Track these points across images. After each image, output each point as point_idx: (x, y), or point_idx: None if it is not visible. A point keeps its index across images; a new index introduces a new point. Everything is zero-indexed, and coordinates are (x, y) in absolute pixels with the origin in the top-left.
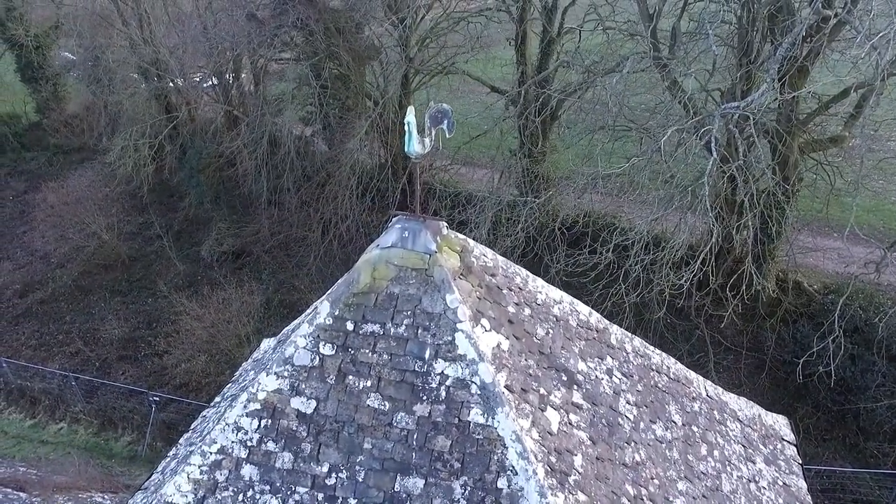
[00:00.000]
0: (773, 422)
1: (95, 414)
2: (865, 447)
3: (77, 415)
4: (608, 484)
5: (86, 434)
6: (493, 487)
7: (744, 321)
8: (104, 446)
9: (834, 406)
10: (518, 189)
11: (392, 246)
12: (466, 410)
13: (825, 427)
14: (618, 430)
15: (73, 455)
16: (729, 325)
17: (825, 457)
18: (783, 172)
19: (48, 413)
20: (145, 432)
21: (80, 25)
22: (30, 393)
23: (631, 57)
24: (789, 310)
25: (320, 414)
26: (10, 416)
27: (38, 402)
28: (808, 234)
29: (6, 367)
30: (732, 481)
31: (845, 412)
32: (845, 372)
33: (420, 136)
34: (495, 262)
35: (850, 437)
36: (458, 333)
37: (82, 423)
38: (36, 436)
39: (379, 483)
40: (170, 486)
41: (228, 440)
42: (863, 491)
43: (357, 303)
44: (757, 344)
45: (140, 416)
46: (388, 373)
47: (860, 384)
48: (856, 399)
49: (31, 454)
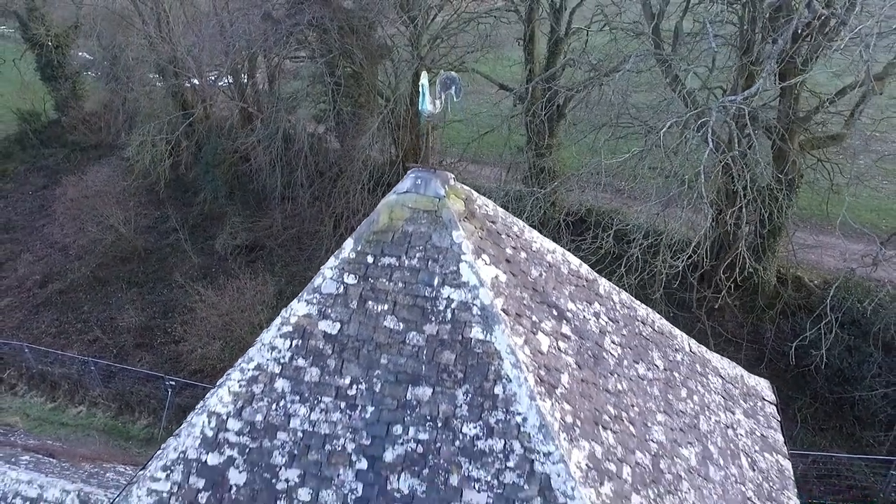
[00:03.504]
0: (756, 383)
1: (113, 398)
2: (861, 436)
3: (96, 399)
4: (591, 402)
5: (104, 417)
6: (490, 393)
7: (744, 313)
8: (122, 429)
9: (831, 396)
10: (525, 183)
11: (407, 192)
12: (468, 329)
13: (823, 417)
14: (602, 363)
15: (94, 436)
16: (730, 317)
17: (822, 445)
18: (783, 168)
19: (68, 397)
20: (161, 416)
21: (100, 25)
22: (50, 378)
23: (634, 54)
24: (789, 303)
25: (344, 334)
26: (31, 399)
27: (58, 386)
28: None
29: (28, 352)
30: (710, 424)
31: (842, 402)
32: (842, 363)
33: (432, 98)
34: (496, 212)
35: (846, 426)
36: (461, 264)
37: (100, 406)
38: (56, 418)
39: (393, 392)
40: (213, 398)
41: (264, 358)
42: (857, 477)
43: (376, 239)
44: (757, 336)
45: (156, 400)
46: (402, 298)
47: (857, 374)
48: (852, 389)
49: (53, 435)
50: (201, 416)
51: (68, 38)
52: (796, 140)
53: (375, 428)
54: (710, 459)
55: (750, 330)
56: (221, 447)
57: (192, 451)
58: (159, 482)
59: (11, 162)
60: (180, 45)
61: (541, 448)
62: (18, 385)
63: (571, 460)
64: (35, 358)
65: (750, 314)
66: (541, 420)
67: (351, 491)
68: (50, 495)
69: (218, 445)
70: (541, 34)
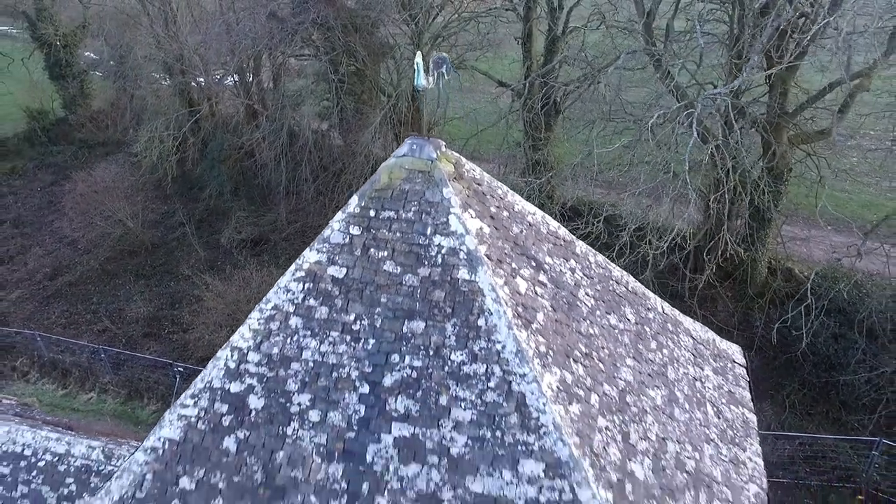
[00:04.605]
0: (727, 347)
1: (123, 384)
2: (847, 420)
3: (105, 385)
4: (564, 339)
5: (114, 403)
6: (474, 325)
7: (735, 303)
8: (131, 414)
9: (818, 382)
10: (522, 176)
11: (404, 155)
12: (456, 271)
13: (810, 402)
14: (575, 309)
15: (105, 420)
16: (722, 307)
17: (810, 429)
18: (771, 161)
19: (78, 384)
20: (170, 402)
21: (108, 24)
22: (62, 365)
23: (625, 50)
24: (778, 292)
25: (349, 278)
26: (43, 386)
27: (69, 373)
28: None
29: (40, 341)
30: (678, 374)
31: (829, 387)
32: (829, 349)
33: (426, 74)
34: (482, 177)
35: (833, 410)
36: (450, 216)
37: (110, 392)
38: (67, 404)
39: (391, 327)
40: (236, 335)
41: (280, 299)
42: (842, 458)
43: (378, 196)
44: (748, 325)
45: (165, 386)
46: (399, 246)
47: (842, 361)
48: (838, 374)
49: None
50: (225, 351)
51: (76, 38)
52: (784, 134)
53: (376, 357)
54: (676, 403)
55: (741, 319)
56: (242, 377)
57: (217, 381)
58: (188, 408)
59: (20, 159)
60: (187, 44)
61: (517, 370)
62: (31, 372)
63: (543, 381)
64: (47, 346)
65: (740, 303)
66: (517, 346)
67: (355, 412)
68: (77, 451)
69: (239, 375)
70: (538, 33)
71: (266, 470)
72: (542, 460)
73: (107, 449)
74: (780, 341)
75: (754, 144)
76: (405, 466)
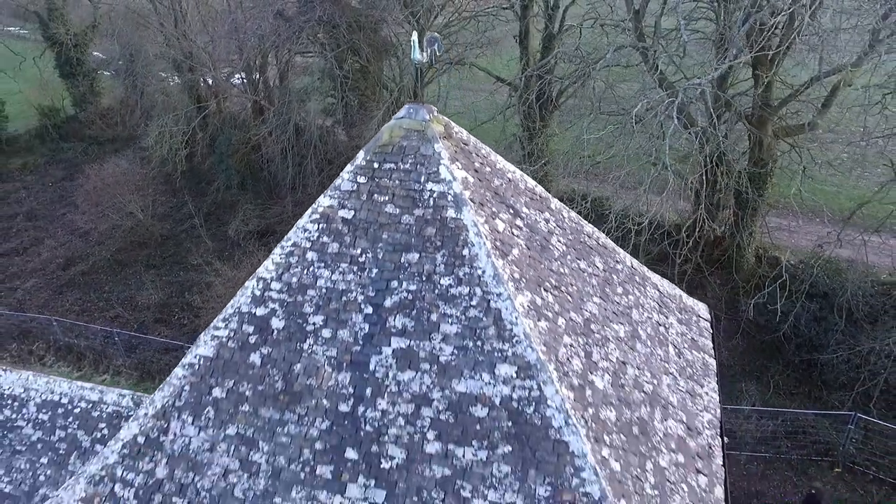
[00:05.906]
0: (693, 304)
1: (135, 367)
2: (828, 399)
3: (119, 368)
4: (536, 272)
5: (127, 384)
6: (459, 255)
7: (721, 288)
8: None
9: (801, 363)
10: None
11: (402, 118)
12: (445, 210)
13: (793, 382)
14: (548, 251)
15: None
16: (711, 294)
17: (793, 408)
18: (757, 153)
19: (92, 367)
20: None
21: (119, 23)
22: (76, 349)
23: (613, 46)
24: (763, 278)
25: (356, 218)
26: (59, 369)
27: (83, 357)
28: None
29: (56, 325)
30: (643, 317)
31: (811, 367)
32: (810, 331)
33: (421, 50)
34: (469, 139)
35: (814, 390)
36: (440, 166)
37: (123, 375)
38: None
39: (391, 258)
40: (261, 268)
41: (298, 237)
42: (821, 433)
43: (380, 151)
44: (735, 311)
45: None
46: (398, 191)
47: (823, 342)
48: (819, 353)
49: None
50: (251, 282)
51: (86, 37)
52: (769, 127)
53: (378, 284)
54: (639, 339)
55: (728, 304)
56: (266, 302)
57: (245, 307)
58: (220, 330)
59: (32, 155)
60: (196, 43)
61: (494, 290)
62: (46, 356)
63: (516, 300)
64: (62, 331)
65: (727, 287)
66: (494, 271)
67: (360, 329)
68: (108, 398)
69: (263, 301)
70: (535, 31)
71: (286, 379)
72: (515, 364)
73: (135, 397)
74: (765, 325)
75: (741, 137)
76: (402, 373)
